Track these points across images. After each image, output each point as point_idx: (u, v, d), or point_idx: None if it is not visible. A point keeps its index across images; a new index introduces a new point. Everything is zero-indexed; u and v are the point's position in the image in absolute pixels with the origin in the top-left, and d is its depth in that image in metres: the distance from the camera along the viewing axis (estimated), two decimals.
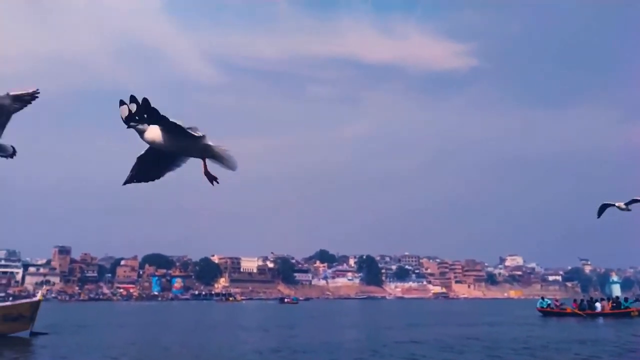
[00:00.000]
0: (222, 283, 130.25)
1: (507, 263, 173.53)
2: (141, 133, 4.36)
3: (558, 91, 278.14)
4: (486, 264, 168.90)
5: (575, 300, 33.26)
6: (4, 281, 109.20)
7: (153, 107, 3.93)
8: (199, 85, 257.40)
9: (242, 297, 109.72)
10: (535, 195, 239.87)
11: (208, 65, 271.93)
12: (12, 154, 5.81)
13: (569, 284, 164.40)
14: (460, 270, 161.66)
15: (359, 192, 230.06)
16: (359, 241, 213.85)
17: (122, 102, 4.02)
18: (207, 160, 4.80)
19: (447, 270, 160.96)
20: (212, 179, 4.77)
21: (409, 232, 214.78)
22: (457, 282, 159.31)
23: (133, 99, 3.99)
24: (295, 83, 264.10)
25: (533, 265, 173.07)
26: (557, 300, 34.87)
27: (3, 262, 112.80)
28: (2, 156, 5.75)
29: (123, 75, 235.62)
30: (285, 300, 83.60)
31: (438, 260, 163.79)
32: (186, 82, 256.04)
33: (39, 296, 17.89)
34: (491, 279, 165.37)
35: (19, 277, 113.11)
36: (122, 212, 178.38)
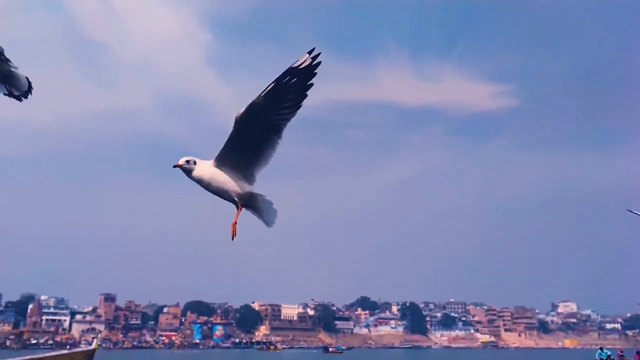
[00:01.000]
0: (262, 331, 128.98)
1: (559, 310, 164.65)
2: (189, 172, 4.64)
3: (604, 129, 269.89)
4: (537, 311, 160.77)
5: (638, 352, 30.91)
6: (52, 329, 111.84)
7: None
8: None
9: (283, 346, 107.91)
10: (587, 237, 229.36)
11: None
12: (26, 91, 5.69)
13: (629, 333, 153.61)
14: (509, 318, 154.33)
15: (400, 236, 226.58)
16: (401, 287, 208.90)
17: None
18: (244, 210, 4.87)
19: (495, 317, 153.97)
20: (234, 233, 4.88)
21: (454, 278, 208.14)
22: (506, 330, 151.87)
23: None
24: (335, 129, 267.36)
25: (588, 312, 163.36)
26: (621, 351, 32.49)
27: (52, 310, 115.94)
28: (12, 95, 5.57)
29: (170, 125, 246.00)
30: (330, 349, 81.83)
31: (485, 307, 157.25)
32: (228, 130, 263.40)
33: (94, 345, 18.24)
34: (543, 327, 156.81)
35: (66, 324, 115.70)
36: (165, 260, 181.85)
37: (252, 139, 4.73)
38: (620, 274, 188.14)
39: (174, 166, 4.68)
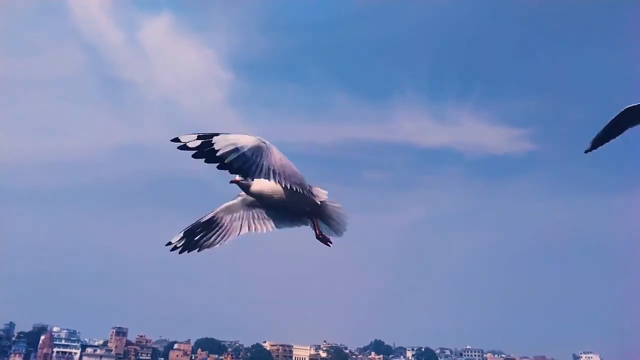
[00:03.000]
0: None
1: None
2: (247, 187, 4.49)
3: (626, 173, 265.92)
4: None
5: None
6: None
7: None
8: None
9: None
10: (610, 285, 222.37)
11: None
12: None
13: None
14: None
15: (415, 279, 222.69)
16: (416, 332, 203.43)
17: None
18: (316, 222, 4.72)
19: None
20: (326, 240, 4.75)
21: (471, 324, 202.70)
22: None
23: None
24: (352, 169, 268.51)
25: None
26: None
27: (63, 342, 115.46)
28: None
29: (190, 161, 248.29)
30: None
31: (504, 355, 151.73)
32: None
33: None
34: None
35: (76, 357, 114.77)
36: (177, 294, 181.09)
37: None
38: None
39: (231, 182, 4.46)
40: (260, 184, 4.44)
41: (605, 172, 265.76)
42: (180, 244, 5.06)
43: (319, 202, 4.51)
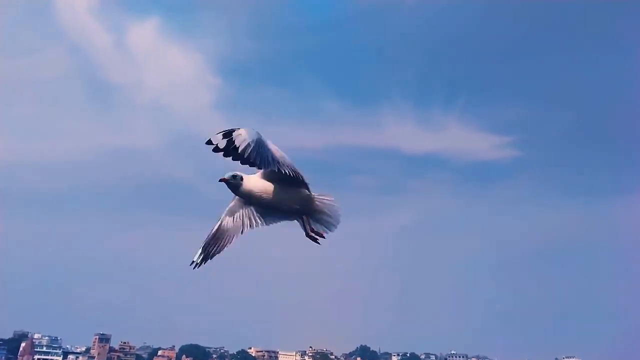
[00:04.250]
0: None
1: None
2: (236, 187, 4.42)
3: (611, 178, 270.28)
4: None
5: None
6: None
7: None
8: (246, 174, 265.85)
9: None
10: (592, 290, 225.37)
11: None
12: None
13: None
14: None
15: (401, 284, 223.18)
16: (401, 337, 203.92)
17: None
18: (305, 218, 4.73)
19: None
20: (317, 235, 4.67)
21: (456, 329, 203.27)
22: None
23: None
24: (339, 173, 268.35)
25: None
26: None
27: (45, 349, 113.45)
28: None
29: (177, 166, 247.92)
30: None
31: None
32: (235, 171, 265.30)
33: None
34: None
35: None
36: (161, 300, 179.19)
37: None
38: (629, 328, 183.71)
39: (220, 180, 4.39)
40: (250, 184, 4.42)
41: (590, 178, 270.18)
42: (200, 259, 5.06)
43: (311, 194, 4.47)
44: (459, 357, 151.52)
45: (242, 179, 4.43)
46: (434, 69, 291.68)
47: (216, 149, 4.06)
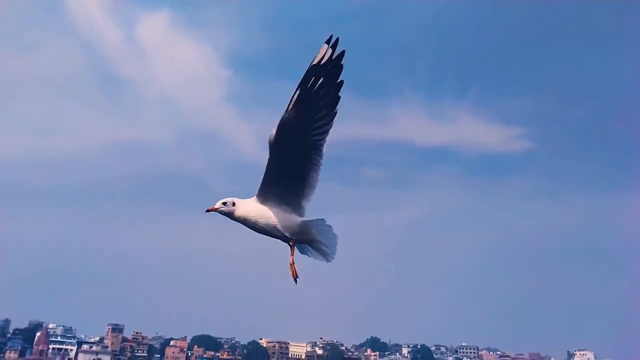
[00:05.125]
0: None
1: (576, 358, 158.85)
2: (229, 214, 4.21)
3: (624, 173, 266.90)
4: (553, 358, 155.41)
5: None
6: (58, 358, 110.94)
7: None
8: (255, 168, 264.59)
9: None
10: (607, 284, 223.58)
11: (264, 150, 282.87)
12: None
13: None
14: None
15: (412, 276, 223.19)
16: (412, 329, 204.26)
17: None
18: (297, 246, 4.54)
19: None
20: (294, 274, 4.45)
21: (466, 321, 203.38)
22: None
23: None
24: (349, 167, 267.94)
25: None
26: None
27: (59, 339, 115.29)
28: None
29: (187, 159, 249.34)
30: None
31: (499, 352, 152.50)
32: (243, 165, 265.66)
33: None
34: None
35: (72, 354, 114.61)
36: (173, 291, 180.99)
37: (291, 163, 4.24)
38: None
39: (208, 210, 4.15)
40: (245, 209, 4.25)
41: (604, 172, 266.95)
42: None
43: (296, 223, 4.28)
44: (470, 349, 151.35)
45: (234, 204, 4.25)
46: (445, 61, 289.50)
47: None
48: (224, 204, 4.23)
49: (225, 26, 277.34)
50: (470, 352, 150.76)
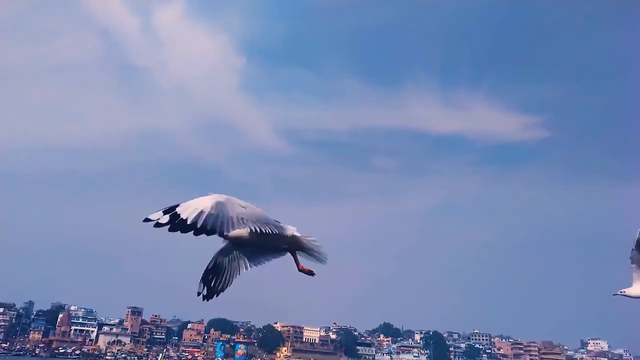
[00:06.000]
0: (284, 352, 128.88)
1: (589, 347, 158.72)
2: (224, 234, 4.43)
3: (636, 162, 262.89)
4: (565, 347, 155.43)
5: None
6: (79, 339, 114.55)
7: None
8: (271, 157, 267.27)
9: None
10: (618, 273, 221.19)
11: (279, 138, 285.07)
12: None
13: None
14: (536, 353, 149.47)
15: (425, 263, 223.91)
16: (425, 315, 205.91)
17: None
18: (297, 253, 5.16)
19: (521, 352, 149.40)
20: (309, 272, 5.16)
21: (479, 308, 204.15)
22: None
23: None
24: (364, 155, 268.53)
25: (620, 351, 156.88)
26: None
27: (81, 320, 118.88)
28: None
29: (203, 147, 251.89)
30: None
31: (512, 340, 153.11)
32: (259, 153, 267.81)
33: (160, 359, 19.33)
34: None
35: (93, 335, 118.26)
36: (190, 276, 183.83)
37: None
38: None
39: (197, 234, 4.11)
40: (238, 231, 4.40)
41: (620, 160, 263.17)
42: (205, 292, 5.52)
43: (289, 235, 4.62)
44: (482, 336, 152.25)
45: (227, 232, 4.31)
46: (460, 48, 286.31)
47: (157, 225, 4.03)
48: (221, 234, 4.31)
49: (240, 14, 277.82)
50: (483, 339, 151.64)
